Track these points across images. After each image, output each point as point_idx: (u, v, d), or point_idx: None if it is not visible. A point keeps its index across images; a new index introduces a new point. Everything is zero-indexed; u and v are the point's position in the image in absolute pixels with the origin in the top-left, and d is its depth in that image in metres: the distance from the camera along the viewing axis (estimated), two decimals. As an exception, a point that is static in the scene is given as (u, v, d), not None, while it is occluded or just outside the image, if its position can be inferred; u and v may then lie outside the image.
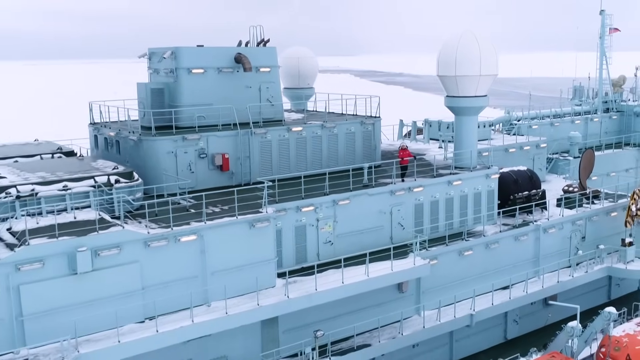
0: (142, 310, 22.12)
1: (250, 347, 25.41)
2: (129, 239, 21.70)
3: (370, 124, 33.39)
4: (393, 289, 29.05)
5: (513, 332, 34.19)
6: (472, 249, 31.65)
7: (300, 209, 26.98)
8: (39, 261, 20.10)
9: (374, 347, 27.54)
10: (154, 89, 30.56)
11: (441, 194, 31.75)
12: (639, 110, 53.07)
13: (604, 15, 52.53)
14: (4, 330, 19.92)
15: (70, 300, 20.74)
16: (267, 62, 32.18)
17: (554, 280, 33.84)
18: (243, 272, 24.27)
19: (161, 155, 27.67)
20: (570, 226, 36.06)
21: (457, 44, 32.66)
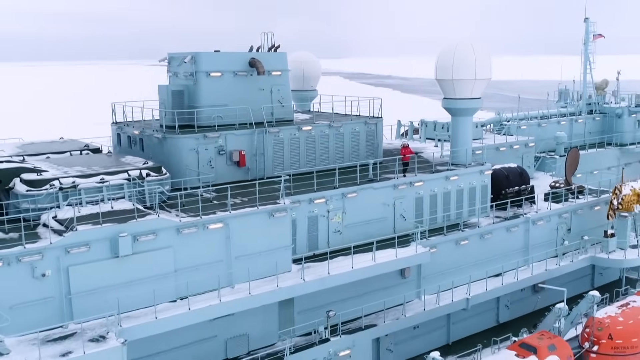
0: (175, 290, 24.13)
1: (269, 326, 27.48)
2: (163, 226, 23.72)
3: (373, 124, 35.47)
4: (396, 274, 31.22)
5: (505, 316, 36.45)
6: (468, 239, 33.89)
7: (313, 201, 29.08)
8: (85, 245, 22.09)
9: (379, 327, 29.73)
10: (174, 91, 32.41)
11: (439, 189, 33.97)
12: (621, 112, 55.44)
13: (588, 23, 54.91)
14: (55, 307, 21.88)
15: (112, 281, 22.72)
16: (278, 66, 34.15)
17: (542, 268, 36.13)
18: (263, 257, 26.34)
19: (184, 151, 29.58)
20: (557, 219, 38.39)
21: (454, 50, 34.89)
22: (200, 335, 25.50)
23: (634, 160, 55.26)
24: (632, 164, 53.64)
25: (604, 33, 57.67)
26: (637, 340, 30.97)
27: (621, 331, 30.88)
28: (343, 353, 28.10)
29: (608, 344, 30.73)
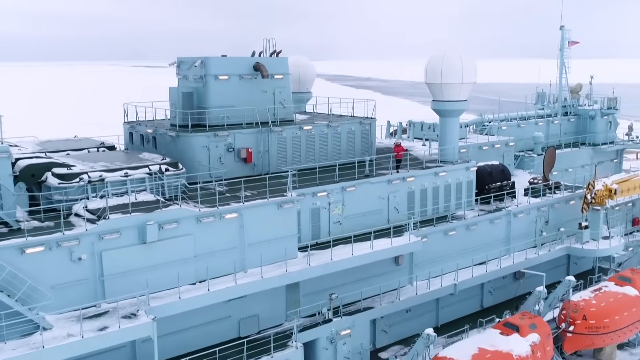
0: (194, 274, 26.20)
1: (277, 307, 29.66)
2: (185, 215, 25.80)
3: (367, 124, 37.79)
4: (391, 261, 33.56)
5: (488, 302, 38.97)
6: (455, 230, 36.36)
7: (316, 194, 31.29)
8: (116, 232, 24.09)
9: (376, 310, 32.07)
10: (185, 93, 34.36)
11: (429, 183, 36.39)
12: (594, 114, 58.34)
13: (563, 31, 57.76)
14: (89, 287, 23.86)
15: (140, 264, 24.76)
16: (280, 70, 36.26)
17: (522, 257, 38.72)
18: (272, 245, 28.48)
19: (196, 149, 31.60)
20: (536, 212, 41.02)
21: (442, 56, 37.35)
22: (217, 315, 27.55)
23: (605, 159, 58.20)
24: (604, 163, 56.53)
25: (579, 38, 60.49)
26: (608, 320, 33.57)
27: (594, 313, 33.45)
28: (344, 332, 30.40)
29: (582, 324, 33.28)
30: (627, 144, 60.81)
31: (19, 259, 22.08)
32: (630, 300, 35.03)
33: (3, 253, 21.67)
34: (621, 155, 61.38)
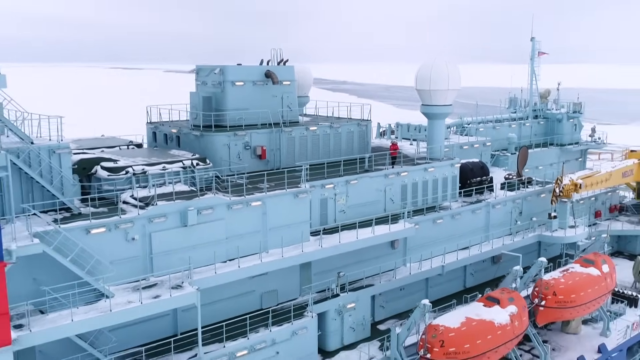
0: (226, 253, 29.84)
1: (292, 284, 33.43)
2: (218, 202, 29.44)
3: (364, 125, 41.71)
4: (387, 245, 37.50)
5: (470, 282, 43.19)
6: (442, 218, 40.49)
7: (324, 186, 35.12)
8: (163, 216, 27.66)
9: (376, 287, 36.01)
10: (204, 97, 37.88)
11: (420, 178, 40.45)
12: (561, 117, 63.09)
13: (534, 42, 62.46)
14: (140, 263, 27.37)
15: (182, 244, 28.34)
16: (287, 77, 39.96)
17: (500, 243, 43.01)
18: (289, 229, 32.21)
19: (218, 146, 35.18)
20: (511, 204, 45.37)
21: (431, 65, 41.50)
22: (243, 289, 31.20)
23: (571, 158, 63.00)
24: (570, 161, 61.29)
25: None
26: (575, 296, 37.89)
27: (563, 289, 37.74)
28: (349, 306, 34.31)
29: (553, 299, 37.53)
30: (590, 145, 65.70)
31: (85, 238, 25.54)
32: (593, 280, 39.41)
33: (73, 233, 25.10)
34: (585, 154, 66.27)
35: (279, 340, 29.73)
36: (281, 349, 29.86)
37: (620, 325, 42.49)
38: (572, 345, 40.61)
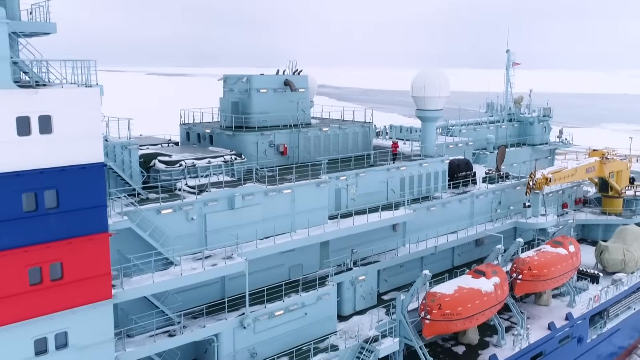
0: (263, 232, 35.16)
1: (313, 259, 38.85)
2: (257, 190, 34.77)
3: (367, 127, 47.32)
4: (390, 229, 43.12)
5: (457, 261, 49.08)
6: (435, 206, 46.27)
7: (339, 178, 40.60)
8: (215, 201, 32.93)
9: (381, 263, 41.66)
10: (233, 102, 43.16)
11: (416, 172, 46.17)
12: (532, 120, 69.37)
13: (509, 54, 68.72)
14: (197, 239, 32.56)
15: (230, 224, 33.57)
16: (302, 85, 45.30)
17: (482, 228, 48.95)
18: (312, 213, 37.60)
19: (248, 144, 40.47)
20: (492, 195, 51.38)
21: (424, 75, 47.34)
22: (274, 263, 36.51)
23: (541, 157, 69.27)
24: (540, 159, 67.48)
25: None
26: (546, 271, 43.88)
27: (537, 265, 43.71)
28: (361, 278, 39.91)
29: (528, 273, 43.46)
30: (558, 145, 72.08)
31: (156, 217, 30.73)
32: (561, 257, 45.48)
33: (148, 213, 30.28)
34: (553, 153, 72.68)
35: (307, 304, 35.19)
36: (309, 311, 35.32)
37: (584, 298, 48.74)
38: (543, 314, 46.63)
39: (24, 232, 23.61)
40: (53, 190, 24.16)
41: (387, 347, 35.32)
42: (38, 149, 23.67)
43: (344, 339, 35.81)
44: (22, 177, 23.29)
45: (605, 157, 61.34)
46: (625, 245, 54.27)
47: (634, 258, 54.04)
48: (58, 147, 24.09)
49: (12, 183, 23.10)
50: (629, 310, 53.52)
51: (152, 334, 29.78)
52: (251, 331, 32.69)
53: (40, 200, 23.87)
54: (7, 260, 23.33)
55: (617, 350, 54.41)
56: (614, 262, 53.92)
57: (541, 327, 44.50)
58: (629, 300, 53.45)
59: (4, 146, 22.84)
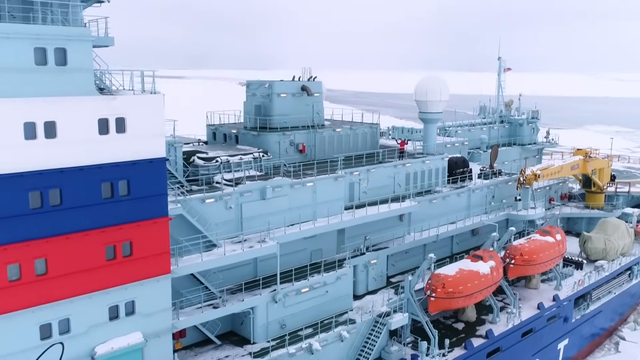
0: (290, 219, 39.37)
1: (331, 245, 43.08)
2: (284, 183, 38.96)
3: (374, 128, 51.63)
4: (397, 219, 47.46)
5: (455, 249, 53.50)
6: (436, 199, 50.65)
7: (352, 173, 44.87)
8: (250, 192, 37.12)
9: (390, 249, 46.02)
10: (256, 105, 47.31)
11: (419, 168, 50.52)
12: (522, 122, 73.93)
13: (500, 61, 73.30)
14: (234, 225, 36.71)
15: (262, 212, 37.76)
16: (317, 90, 49.48)
17: (478, 219, 53.40)
18: (330, 204, 41.83)
19: (271, 143, 44.60)
20: (486, 189, 55.85)
21: (427, 82, 51.74)
22: (298, 247, 40.69)
23: (530, 155, 73.79)
24: (529, 158, 72.06)
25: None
26: (536, 256, 48.31)
27: (528, 251, 48.16)
28: (373, 261, 44.23)
29: (520, 259, 47.90)
30: (545, 145, 76.71)
31: (200, 206, 34.89)
32: (549, 245, 49.97)
33: (194, 202, 34.43)
34: (541, 152, 77.28)
35: (328, 282, 39.43)
36: (329, 289, 39.57)
37: (569, 282, 53.32)
38: (533, 296, 51.12)
39: (102, 216, 27.71)
40: (125, 181, 28.26)
41: (398, 320, 39.58)
42: (114, 145, 27.78)
43: (360, 314, 40.08)
44: (102, 169, 27.39)
45: (588, 155, 65.90)
46: (606, 236, 58.86)
47: (614, 247, 58.65)
48: (130, 144, 28.21)
49: (94, 174, 27.19)
50: (610, 295, 58.11)
51: (199, 306, 33.93)
52: (281, 305, 36.89)
53: (115, 189, 27.98)
54: (88, 239, 27.43)
55: (599, 331, 59.05)
56: (596, 251, 58.50)
57: (531, 307, 48.94)
58: (609, 285, 58.06)
59: (88, 144, 26.93)
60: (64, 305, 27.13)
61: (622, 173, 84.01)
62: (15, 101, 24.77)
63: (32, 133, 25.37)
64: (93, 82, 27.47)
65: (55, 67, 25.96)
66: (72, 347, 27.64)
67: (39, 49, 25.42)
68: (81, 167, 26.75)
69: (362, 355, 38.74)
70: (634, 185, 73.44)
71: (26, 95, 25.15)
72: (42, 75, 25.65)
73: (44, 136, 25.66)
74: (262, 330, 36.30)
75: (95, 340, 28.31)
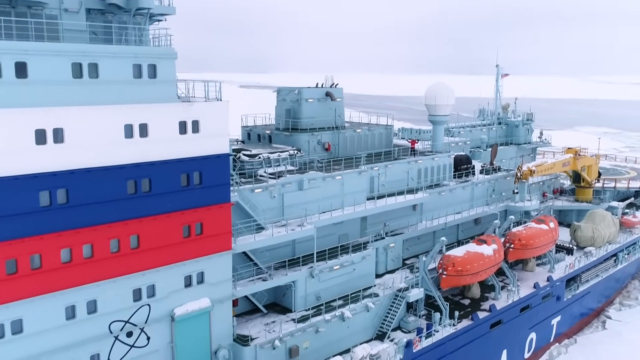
0: (322, 207, 44.90)
1: (356, 230, 48.67)
2: (318, 176, 44.50)
3: (389, 129, 57.22)
4: (411, 208, 53.10)
5: (461, 236, 59.15)
6: (444, 192, 56.30)
7: (373, 168, 50.45)
8: (290, 183, 42.67)
9: (405, 234, 51.65)
10: (287, 109, 52.84)
11: (429, 164, 56.15)
12: (517, 124, 79.65)
13: (498, 68, 79.04)
14: (276, 212, 42.23)
15: (300, 201, 43.30)
16: (338, 95, 54.86)
17: (480, 210, 59.09)
18: (355, 195, 47.41)
19: (302, 142, 50.08)
20: (487, 183, 61.51)
21: (436, 87, 57.42)
22: (328, 232, 46.20)
23: (525, 154, 79.50)
24: (524, 156, 77.79)
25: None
26: (532, 241, 53.89)
27: (525, 237, 53.74)
28: (391, 245, 49.85)
29: (518, 243, 53.47)
30: (538, 144, 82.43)
31: (251, 195, 40.40)
32: (543, 232, 55.58)
33: (246, 192, 39.94)
34: (535, 151, 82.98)
35: (355, 262, 44.98)
36: (356, 267, 45.12)
37: (561, 266, 58.92)
38: (530, 277, 56.65)
39: (181, 200, 33.20)
40: (198, 172, 33.75)
41: (415, 294, 45.12)
42: (191, 143, 33.26)
43: (382, 289, 45.64)
44: (181, 162, 32.89)
45: (578, 154, 71.61)
46: (594, 225, 64.51)
47: (601, 235, 64.32)
48: (202, 142, 33.70)
49: (175, 167, 32.68)
50: (597, 278, 63.75)
51: (251, 279, 39.46)
52: (317, 280, 42.43)
53: (191, 178, 33.48)
54: (170, 220, 32.92)
55: (588, 311, 64.72)
56: (585, 239, 64.16)
57: (528, 286, 54.50)
58: (597, 269, 63.70)
59: (171, 142, 32.41)
60: (151, 274, 32.61)
61: (609, 171, 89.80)
62: (118, 107, 30.25)
63: (129, 133, 30.83)
64: (175, 91, 32.98)
65: (148, 79, 31.44)
66: (156, 309, 33.12)
67: (136, 65, 30.91)
68: (166, 160, 32.23)
69: (384, 324, 44.31)
70: (620, 182, 79.13)
71: (126, 102, 30.62)
72: (138, 86, 31.13)
73: (138, 135, 31.13)
74: (301, 301, 41.81)
75: (174, 303, 33.79)
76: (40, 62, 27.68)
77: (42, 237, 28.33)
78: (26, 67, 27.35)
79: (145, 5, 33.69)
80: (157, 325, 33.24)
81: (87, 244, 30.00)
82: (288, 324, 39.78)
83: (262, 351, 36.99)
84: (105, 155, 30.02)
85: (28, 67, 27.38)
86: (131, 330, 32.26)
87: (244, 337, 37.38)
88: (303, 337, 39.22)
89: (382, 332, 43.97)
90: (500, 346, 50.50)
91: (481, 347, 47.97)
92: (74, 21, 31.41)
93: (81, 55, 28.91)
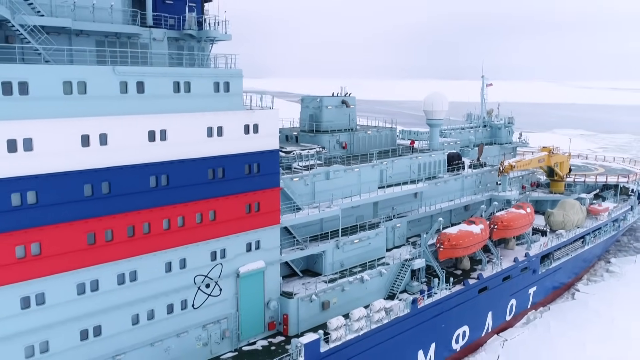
0: (344, 194, 53.98)
1: (369, 212, 57.86)
2: (340, 168, 53.61)
3: (393, 130, 66.45)
4: (412, 196, 62.37)
5: (453, 220, 68.52)
6: (439, 183, 65.63)
7: (382, 163, 59.64)
8: (319, 174, 51.76)
9: (408, 217, 60.90)
10: (310, 114, 61.96)
11: (427, 160, 65.44)
12: (500, 126, 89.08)
13: (484, 79, 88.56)
14: (308, 196, 51.23)
15: (326, 188, 52.38)
16: (352, 102, 64.16)
17: (469, 198, 68.49)
18: (369, 184, 56.55)
19: (324, 142, 59.20)
20: (475, 176, 70.93)
21: (432, 96, 66.80)
22: (348, 213, 55.34)
23: (507, 153, 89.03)
24: (506, 154, 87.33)
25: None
26: (513, 223, 63.14)
27: (506, 219, 63.01)
28: (397, 225, 59.10)
29: (501, 225, 62.69)
30: (518, 144, 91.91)
31: (290, 183, 49.47)
32: (522, 215, 64.92)
33: (287, 180, 49.00)
34: (515, 150, 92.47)
35: (370, 237, 54.15)
36: (371, 242, 54.29)
37: (537, 245, 68.36)
38: (510, 254, 65.89)
39: (245, 185, 42.17)
40: (257, 163, 42.77)
41: (418, 263, 54.32)
42: (252, 141, 42.26)
43: (392, 259, 54.84)
44: (246, 156, 41.87)
45: (551, 151, 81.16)
46: (565, 212, 74.01)
47: (571, 220, 73.85)
48: (260, 141, 42.69)
49: (241, 159, 41.65)
50: (567, 256, 73.27)
51: (292, 248, 48.52)
52: (341, 250, 51.54)
53: (252, 168, 42.49)
54: (237, 200, 41.90)
55: (559, 285, 74.23)
56: (557, 223, 73.66)
57: (509, 260, 63.83)
58: (567, 249, 73.22)
59: (238, 140, 41.33)
60: (224, 240, 41.58)
61: (581, 167, 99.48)
62: (203, 114, 39.22)
63: (210, 133, 39.79)
64: (242, 101, 42.02)
65: (224, 93, 40.45)
66: (226, 267, 42.08)
67: (215, 82, 39.92)
68: (235, 154, 41.23)
69: (394, 287, 53.51)
70: (589, 177, 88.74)
71: (208, 110, 39.60)
72: (216, 98, 40.12)
73: (216, 135, 40.10)
74: (329, 267, 50.92)
75: (238, 263, 42.75)
76: (152, 82, 36.62)
77: (151, 210, 37.25)
78: (144, 85, 36.27)
79: (212, 35, 42.67)
80: (226, 280, 42.20)
81: (180, 216, 38.93)
82: (320, 284, 48.86)
83: (302, 303, 46.05)
84: (193, 150, 38.96)
85: (145, 85, 36.30)
86: (209, 282, 41.19)
87: (288, 292, 46.43)
88: (332, 295, 48.29)
89: (392, 293, 53.15)
90: (487, 308, 59.87)
91: (471, 308, 57.30)
92: (160, 50, 40.28)
93: (179, 76, 37.88)
